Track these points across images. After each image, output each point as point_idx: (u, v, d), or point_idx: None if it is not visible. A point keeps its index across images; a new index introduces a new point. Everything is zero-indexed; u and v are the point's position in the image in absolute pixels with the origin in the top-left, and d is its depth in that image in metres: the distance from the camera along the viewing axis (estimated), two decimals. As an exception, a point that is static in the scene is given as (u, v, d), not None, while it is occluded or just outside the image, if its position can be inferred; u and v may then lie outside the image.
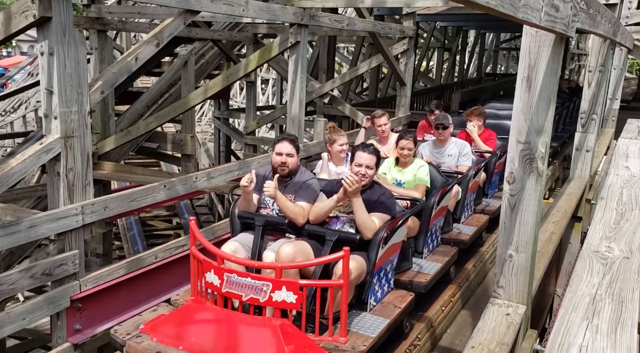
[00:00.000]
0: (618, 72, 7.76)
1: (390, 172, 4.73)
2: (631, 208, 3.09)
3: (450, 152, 5.44)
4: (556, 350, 1.57)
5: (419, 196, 4.44)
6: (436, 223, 4.62)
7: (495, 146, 6.20)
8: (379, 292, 3.59)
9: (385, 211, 3.56)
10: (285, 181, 3.79)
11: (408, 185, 4.60)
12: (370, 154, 3.63)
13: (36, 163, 3.92)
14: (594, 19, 2.92)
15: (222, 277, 3.07)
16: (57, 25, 3.72)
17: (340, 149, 4.84)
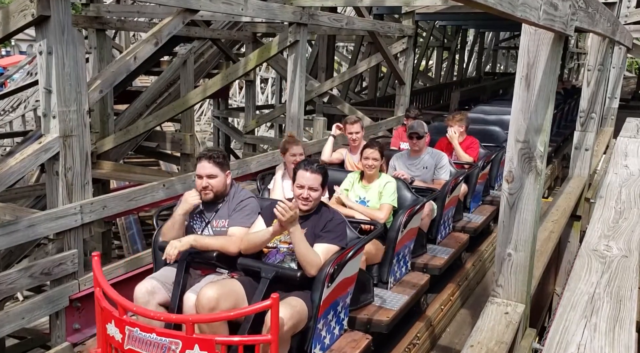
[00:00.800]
0: (617, 71, 7.76)
1: (353, 188, 4.16)
2: (630, 206, 3.09)
3: (426, 164, 4.89)
4: (554, 348, 1.57)
5: (383, 217, 3.85)
6: (404, 248, 4.04)
7: (477, 155, 5.72)
8: (326, 338, 3.02)
9: (334, 240, 2.94)
10: (216, 206, 3.23)
11: (373, 204, 3.99)
12: (314, 174, 3.04)
13: (35, 162, 3.91)
14: (593, 18, 2.92)
15: (123, 331, 2.51)
16: (56, 24, 3.71)
17: (294, 160, 4.23)
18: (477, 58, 22.96)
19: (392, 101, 11.61)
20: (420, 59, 19.09)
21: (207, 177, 3.17)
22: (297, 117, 6.77)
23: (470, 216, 5.54)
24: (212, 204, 3.25)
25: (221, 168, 3.22)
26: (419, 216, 4.15)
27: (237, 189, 3.35)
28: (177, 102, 7.80)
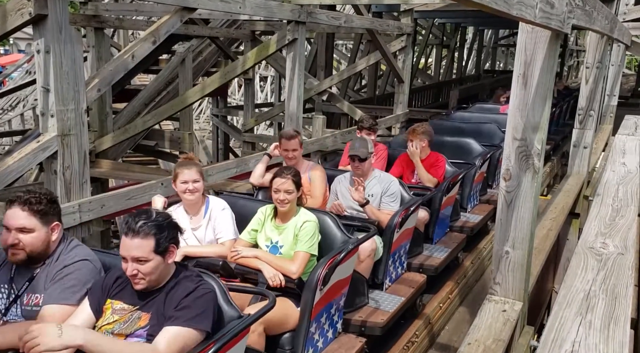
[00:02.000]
0: (616, 69, 7.76)
1: (264, 229, 3.20)
2: (627, 204, 3.09)
3: (372, 191, 3.95)
4: (549, 345, 1.57)
5: (296, 271, 2.93)
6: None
7: (442, 175, 4.81)
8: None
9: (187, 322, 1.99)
10: (30, 272, 2.32)
11: (287, 250, 3.08)
12: None
13: (33, 161, 3.91)
14: (590, 16, 2.92)
15: None
16: (53, 23, 3.71)
17: (184, 189, 3.17)
18: (476, 56, 22.95)
19: (392, 99, 11.62)
20: (419, 57, 19.09)
21: (16, 230, 2.25)
22: (296, 116, 6.77)
23: (433, 249, 4.52)
24: (26, 270, 2.30)
25: (42, 219, 2.29)
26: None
27: (66, 248, 2.36)
28: (175, 101, 7.80)
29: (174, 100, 8.00)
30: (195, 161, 3.40)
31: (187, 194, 3.18)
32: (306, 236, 3.03)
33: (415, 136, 4.88)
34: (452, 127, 6.92)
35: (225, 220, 3.25)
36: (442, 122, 7.33)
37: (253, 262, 2.97)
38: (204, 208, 3.28)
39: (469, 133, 6.51)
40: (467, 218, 5.31)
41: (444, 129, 6.65)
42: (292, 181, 3.12)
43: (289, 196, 3.09)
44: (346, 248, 3.00)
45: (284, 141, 4.13)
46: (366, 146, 3.92)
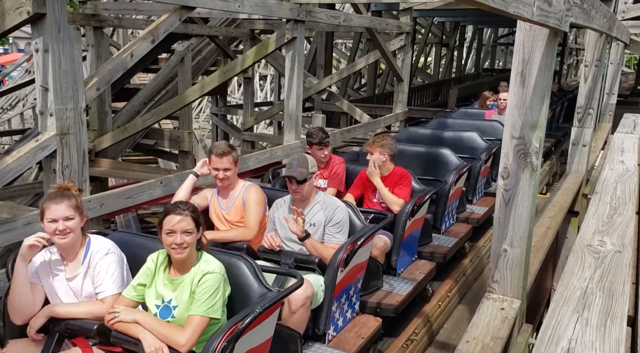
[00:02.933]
0: (615, 67, 7.77)
1: (154, 283, 2.53)
2: (625, 202, 3.10)
3: (314, 219, 3.29)
4: (546, 343, 1.58)
5: (185, 342, 2.30)
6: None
7: (408, 194, 4.13)
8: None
9: None
10: None
11: (183, 312, 2.43)
12: None
13: (32, 160, 3.91)
14: (589, 14, 2.92)
15: None
16: (52, 22, 3.71)
17: (54, 230, 2.52)
18: (475, 54, 22.94)
19: (391, 98, 11.62)
20: (419, 55, 19.08)
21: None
22: (296, 115, 6.77)
23: (394, 283, 3.91)
24: None
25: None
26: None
27: None
28: (174, 100, 7.80)
29: (174, 99, 7.99)
30: (72, 192, 2.62)
31: (58, 236, 2.51)
32: (205, 294, 2.36)
33: (374, 149, 4.21)
34: (430, 136, 6.27)
35: (108, 269, 2.56)
36: (417, 131, 6.60)
37: (132, 329, 2.33)
38: (83, 251, 2.61)
39: (447, 142, 5.97)
40: (440, 241, 4.67)
41: (419, 138, 6.18)
42: (191, 219, 2.44)
43: (187, 238, 2.40)
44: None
45: (214, 158, 3.45)
46: (306, 164, 3.27)
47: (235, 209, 3.51)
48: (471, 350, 2.18)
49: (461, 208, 5.33)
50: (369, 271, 3.52)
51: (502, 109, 7.35)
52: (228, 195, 3.54)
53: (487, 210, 5.54)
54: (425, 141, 5.93)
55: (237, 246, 3.17)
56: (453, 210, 5.10)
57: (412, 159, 5.14)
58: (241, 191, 3.52)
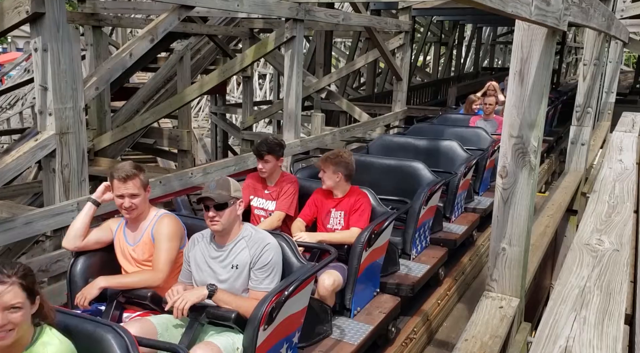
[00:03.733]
0: (614, 66, 7.78)
1: None
2: (623, 201, 3.11)
3: (236, 259, 2.62)
4: (544, 341, 1.59)
5: None
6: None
7: (366, 220, 3.49)
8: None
9: None
10: None
11: None
12: None
13: (31, 159, 3.92)
14: (587, 13, 2.93)
15: None
16: (50, 21, 3.71)
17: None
18: (474, 53, 22.94)
19: (390, 97, 11.62)
20: (418, 54, 19.08)
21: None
22: (295, 113, 6.77)
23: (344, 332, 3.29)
24: None
25: None
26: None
27: None
28: (174, 99, 7.80)
29: (173, 98, 8.00)
30: None
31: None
32: None
33: (328, 166, 3.55)
34: (404, 145, 5.67)
35: None
36: (391, 140, 5.98)
37: None
38: None
39: (422, 152, 5.43)
40: (410, 269, 4.04)
41: (393, 148, 5.64)
42: (20, 288, 1.79)
43: (13, 316, 1.76)
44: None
45: (116, 183, 2.80)
46: (227, 186, 2.62)
47: (143, 244, 2.84)
48: (470, 348, 2.19)
49: (437, 227, 4.73)
50: (313, 318, 2.92)
51: (487, 114, 7.02)
52: (137, 227, 2.87)
53: (466, 229, 4.94)
54: (398, 152, 5.43)
55: (141, 294, 2.64)
56: (426, 231, 4.44)
57: (381, 173, 4.63)
58: (151, 223, 2.85)
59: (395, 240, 4.05)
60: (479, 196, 5.91)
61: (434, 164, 4.95)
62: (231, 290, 2.58)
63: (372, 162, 4.76)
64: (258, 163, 3.71)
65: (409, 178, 4.54)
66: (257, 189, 3.83)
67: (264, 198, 3.78)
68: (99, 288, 2.63)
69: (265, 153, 3.64)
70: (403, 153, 5.35)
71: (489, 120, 6.99)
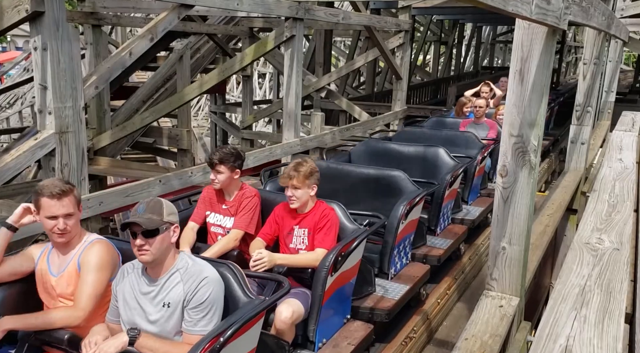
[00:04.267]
0: (614, 65, 7.78)
1: None
2: (623, 200, 3.11)
3: (169, 296, 2.26)
4: (544, 340, 1.59)
5: None
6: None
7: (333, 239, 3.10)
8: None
9: None
10: None
11: None
12: None
13: (31, 158, 3.92)
14: (587, 12, 2.92)
15: None
16: (50, 20, 3.71)
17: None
18: (474, 52, 22.94)
19: (390, 96, 11.62)
20: (418, 53, 19.08)
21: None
22: (295, 113, 6.77)
23: None
24: None
25: None
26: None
27: None
28: (173, 98, 7.80)
29: (172, 97, 8.00)
30: None
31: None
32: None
33: (302, 182, 3.07)
34: (386, 152, 5.26)
35: None
36: (375, 145, 5.45)
37: None
38: None
39: (405, 160, 5.04)
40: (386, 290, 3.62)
41: (376, 154, 5.24)
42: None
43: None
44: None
45: (47, 201, 2.36)
46: (159, 210, 2.26)
47: (68, 275, 2.42)
48: (470, 347, 2.19)
49: (420, 241, 4.39)
50: None
51: (478, 117, 6.69)
52: (65, 254, 2.46)
53: (452, 243, 4.61)
54: (382, 159, 5.05)
55: (57, 336, 2.28)
56: (407, 247, 4.08)
57: (359, 183, 4.23)
58: (80, 249, 2.45)
59: (372, 257, 3.74)
60: (468, 205, 5.54)
61: (419, 173, 4.67)
62: (162, 333, 2.20)
63: (349, 171, 4.36)
64: (211, 173, 3.33)
65: (388, 190, 4.13)
66: (214, 204, 3.39)
67: (221, 213, 3.35)
68: (3, 331, 2.21)
69: (216, 162, 3.23)
70: (386, 160, 4.95)
71: (480, 124, 6.69)
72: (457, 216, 5.16)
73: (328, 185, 3.93)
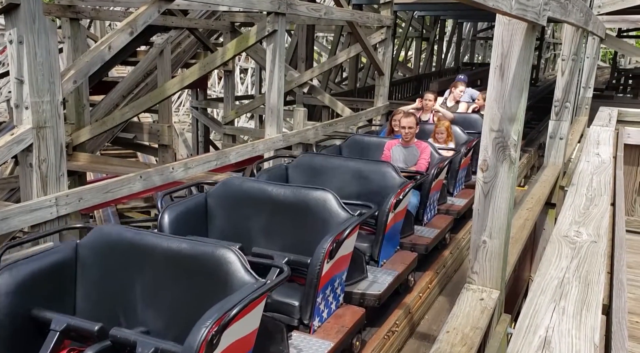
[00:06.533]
0: (591, 61, 7.91)
1: None
2: (600, 193, 3.17)
3: None
4: (524, 332, 1.61)
5: None
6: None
7: None
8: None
9: None
10: None
11: None
12: None
13: (7, 154, 3.84)
14: (565, 8, 2.96)
15: None
16: (26, 13, 3.63)
17: None
18: (455, 49, 23.12)
19: (372, 92, 11.65)
20: (400, 49, 19.16)
21: None
22: (277, 108, 6.75)
23: None
24: None
25: None
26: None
27: None
28: (154, 93, 7.71)
29: (153, 92, 7.90)
30: None
31: None
32: None
33: None
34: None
35: None
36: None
37: None
38: None
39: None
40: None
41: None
42: None
43: None
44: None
45: None
46: None
47: None
48: (451, 340, 2.21)
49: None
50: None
51: (407, 141, 5.13)
52: None
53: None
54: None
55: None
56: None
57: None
58: None
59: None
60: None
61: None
62: None
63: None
64: None
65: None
66: None
67: None
68: None
69: None
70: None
71: (409, 147, 5.15)
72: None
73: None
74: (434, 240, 4.52)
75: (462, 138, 5.65)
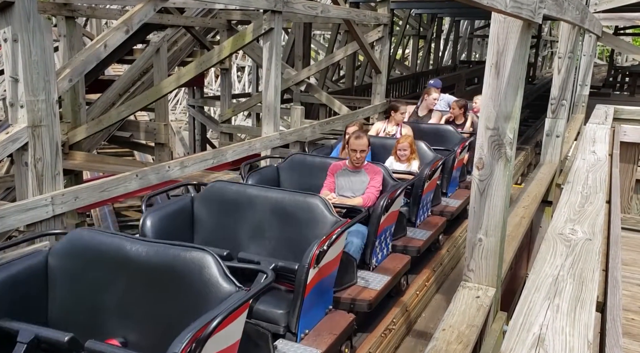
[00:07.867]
0: (587, 59, 7.93)
1: None
2: (595, 191, 3.18)
3: None
4: (518, 329, 1.62)
5: None
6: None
7: None
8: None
9: None
10: None
11: None
12: None
13: (2, 153, 3.83)
14: (561, 6, 2.96)
15: None
16: (20, 11, 3.62)
17: None
18: (452, 47, 23.13)
19: (369, 90, 11.65)
20: (397, 47, 19.15)
21: None
22: (274, 106, 6.74)
23: None
24: None
25: None
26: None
27: None
28: (150, 91, 7.69)
29: (149, 90, 7.88)
30: None
31: None
32: None
33: None
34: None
35: None
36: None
37: None
38: None
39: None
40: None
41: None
42: None
43: None
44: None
45: None
46: None
47: None
48: (447, 337, 2.22)
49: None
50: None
51: (356, 165, 4.25)
52: None
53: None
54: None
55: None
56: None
57: None
58: None
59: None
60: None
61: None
62: None
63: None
64: None
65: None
66: None
67: None
68: None
69: None
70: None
71: (357, 172, 4.29)
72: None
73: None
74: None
75: (428, 156, 4.82)
